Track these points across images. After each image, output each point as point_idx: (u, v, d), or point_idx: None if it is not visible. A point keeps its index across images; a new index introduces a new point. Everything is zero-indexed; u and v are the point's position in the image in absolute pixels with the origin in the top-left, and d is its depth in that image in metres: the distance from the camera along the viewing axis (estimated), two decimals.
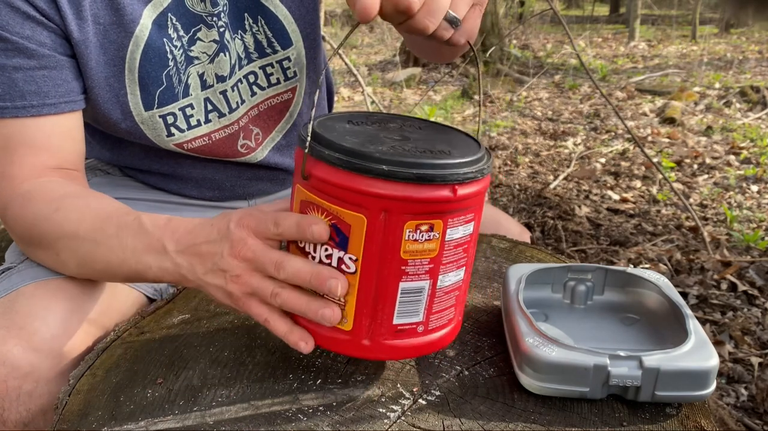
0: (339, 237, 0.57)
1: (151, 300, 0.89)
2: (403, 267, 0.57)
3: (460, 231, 0.58)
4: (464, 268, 0.61)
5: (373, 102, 3.59)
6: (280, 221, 0.59)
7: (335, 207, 0.56)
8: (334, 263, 0.58)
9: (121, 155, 1.00)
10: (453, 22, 0.60)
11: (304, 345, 0.61)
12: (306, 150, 0.57)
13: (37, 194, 0.76)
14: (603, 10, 12.77)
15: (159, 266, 0.67)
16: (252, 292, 0.61)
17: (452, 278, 0.60)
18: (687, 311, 0.68)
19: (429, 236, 0.56)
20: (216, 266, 0.62)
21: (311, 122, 0.59)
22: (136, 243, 0.68)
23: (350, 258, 0.57)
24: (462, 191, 0.55)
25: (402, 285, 0.58)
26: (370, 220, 0.55)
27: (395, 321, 0.59)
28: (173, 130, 0.89)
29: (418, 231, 0.56)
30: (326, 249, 0.58)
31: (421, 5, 0.58)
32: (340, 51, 2.87)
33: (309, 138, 0.57)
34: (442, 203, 0.55)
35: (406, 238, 0.56)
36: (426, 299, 0.59)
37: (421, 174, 0.54)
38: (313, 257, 0.59)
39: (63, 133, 0.80)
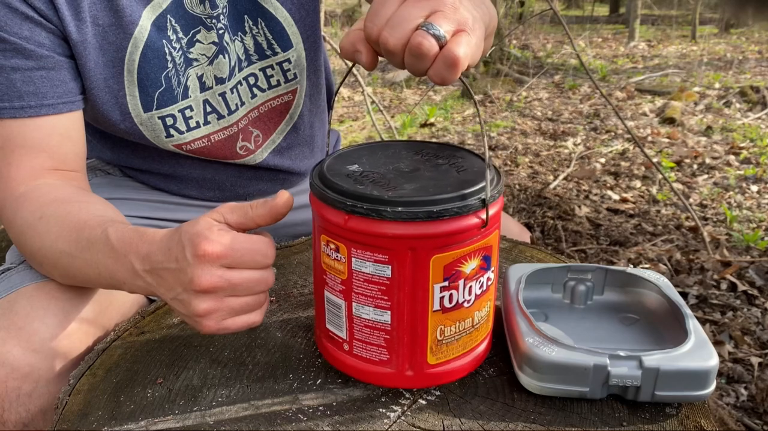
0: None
1: (151, 300, 0.89)
2: (324, 277, 0.62)
3: (368, 267, 0.58)
4: (389, 312, 0.59)
5: (373, 102, 3.59)
6: (270, 252, 0.61)
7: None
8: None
9: (122, 154, 1.00)
10: (436, 36, 0.54)
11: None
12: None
13: (27, 200, 0.75)
14: (603, 10, 12.77)
15: (132, 283, 0.66)
16: (232, 313, 0.61)
17: (370, 314, 0.60)
18: (687, 311, 0.68)
19: (336, 256, 0.59)
20: (178, 298, 0.61)
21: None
22: (107, 260, 0.67)
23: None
24: (354, 224, 0.56)
25: (325, 293, 0.63)
26: (313, 226, 0.63)
27: (326, 325, 0.64)
28: (172, 131, 0.89)
29: (329, 247, 0.60)
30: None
31: (383, 25, 0.55)
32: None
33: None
34: (338, 228, 0.58)
35: (322, 250, 0.61)
36: (345, 318, 0.61)
37: (324, 195, 0.58)
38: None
39: (61, 134, 0.80)
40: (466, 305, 0.60)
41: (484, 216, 0.57)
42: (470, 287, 0.60)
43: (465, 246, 0.57)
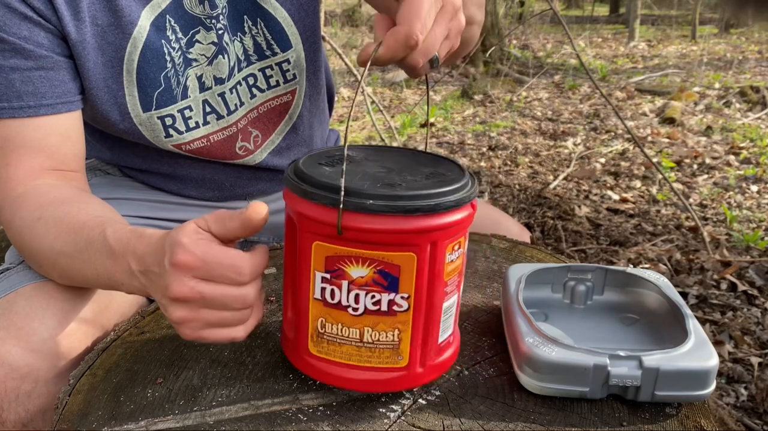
0: (388, 280, 0.56)
1: (150, 300, 0.89)
2: (445, 289, 0.60)
3: (467, 243, 0.63)
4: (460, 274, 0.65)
5: (373, 102, 3.59)
6: (245, 270, 0.58)
7: (381, 253, 0.55)
8: (384, 307, 0.57)
9: (121, 154, 1.00)
10: (433, 62, 0.62)
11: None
12: (341, 206, 0.54)
13: (26, 200, 0.75)
14: (603, 10, 12.77)
15: (129, 284, 0.65)
16: (208, 324, 0.60)
17: (461, 286, 0.65)
18: (687, 311, 0.68)
19: (458, 253, 0.60)
20: (161, 301, 0.61)
21: (342, 178, 0.55)
22: (105, 261, 0.66)
23: (402, 297, 0.57)
24: (475, 203, 0.60)
25: (444, 305, 0.60)
26: (420, 255, 0.56)
27: (440, 340, 0.62)
28: (171, 131, 0.89)
29: (453, 252, 0.59)
30: (373, 296, 0.57)
31: (422, 38, 0.59)
32: (340, 51, 2.87)
33: (342, 193, 0.54)
34: (467, 221, 0.59)
35: (447, 261, 0.58)
36: (455, 311, 0.63)
37: (458, 199, 0.56)
38: (355, 309, 0.57)
39: (60, 134, 0.80)
40: None
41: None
42: None
43: None
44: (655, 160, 2.96)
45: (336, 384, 0.62)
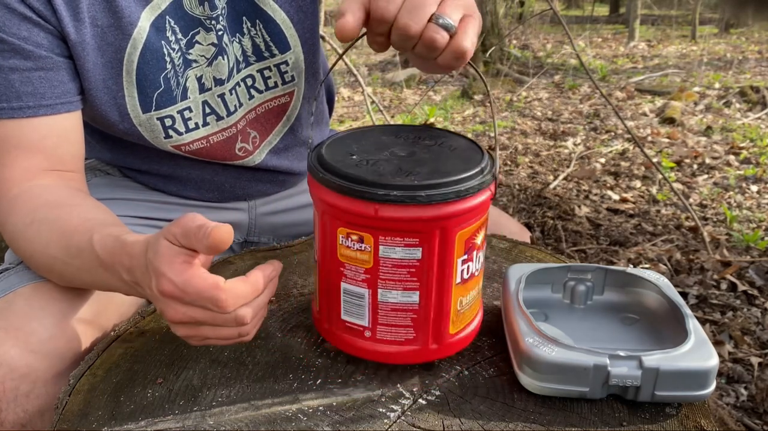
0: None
1: (150, 301, 0.89)
2: (342, 269, 0.62)
3: (398, 252, 0.59)
4: (417, 292, 0.62)
5: (373, 102, 3.59)
6: (226, 302, 0.56)
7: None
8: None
9: (121, 155, 1.00)
10: (447, 27, 0.58)
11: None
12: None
13: (19, 203, 0.75)
14: (603, 10, 12.76)
15: (126, 290, 0.66)
16: (209, 337, 0.60)
17: (399, 297, 0.62)
18: (687, 311, 0.68)
19: (360, 246, 0.60)
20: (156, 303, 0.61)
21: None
22: (97, 269, 0.67)
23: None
24: (386, 212, 0.57)
25: (343, 285, 0.63)
26: (320, 220, 0.63)
27: (342, 317, 0.65)
28: (171, 132, 0.89)
29: (350, 239, 0.60)
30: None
31: (399, 7, 0.57)
32: (340, 51, 2.87)
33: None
34: (366, 218, 0.58)
35: (340, 242, 0.61)
36: (368, 306, 0.63)
37: (346, 187, 0.58)
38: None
39: (59, 134, 0.80)
40: (476, 274, 0.66)
41: (493, 189, 0.63)
42: (480, 257, 0.65)
43: (479, 219, 0.62)
44: (655, 160, 2.96)
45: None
